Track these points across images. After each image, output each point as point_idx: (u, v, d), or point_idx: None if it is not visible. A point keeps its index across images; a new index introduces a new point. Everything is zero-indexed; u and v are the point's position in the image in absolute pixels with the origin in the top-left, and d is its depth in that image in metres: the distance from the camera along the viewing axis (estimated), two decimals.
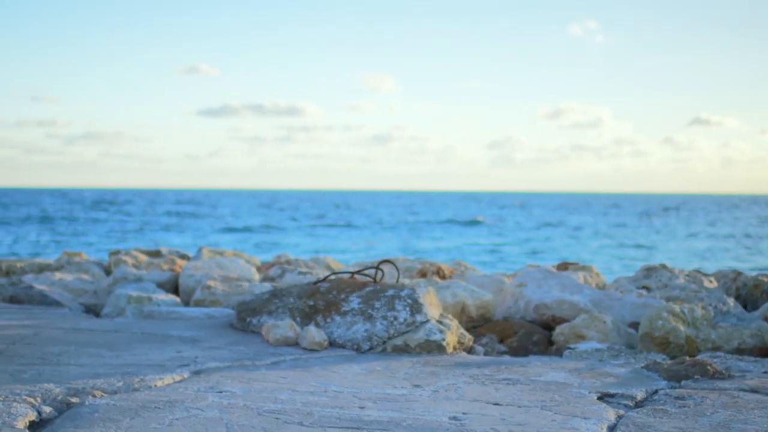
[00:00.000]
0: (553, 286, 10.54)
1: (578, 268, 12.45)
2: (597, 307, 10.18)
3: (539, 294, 10.32)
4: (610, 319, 9.37)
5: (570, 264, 12.69)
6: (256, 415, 5.80)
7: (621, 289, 11.31)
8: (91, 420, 5.60)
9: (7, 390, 6.31)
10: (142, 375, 6.89)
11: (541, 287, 10.49)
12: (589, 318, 9.37)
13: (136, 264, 13.75)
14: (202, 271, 11.64)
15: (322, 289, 9.13)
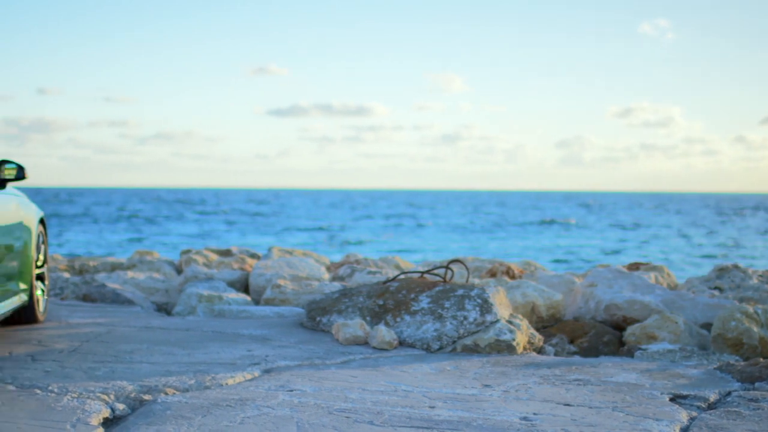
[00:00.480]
0: (624, 287, 10.46)
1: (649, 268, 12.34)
2: (669, 308, 10.08)
3: (610, 294, 10.24)
4: (681, 320, 9.27)
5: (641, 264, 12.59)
6: (327, 413, 5.82)
7: (693, 289, 11.20)
8: (164, 417, 5.66)
9: (82, 387, 6.39)
10: (214, 373, 6.95)
11: (611, 287, 10.42)
12: (660, 318, 9.28)
13: (207, 263, 13.86)
14: (272, 270, 11.70)
15: (392, 288, 9.14)
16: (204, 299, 10.48)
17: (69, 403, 5.94)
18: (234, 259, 13.79)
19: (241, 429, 5.45)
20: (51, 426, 5.43)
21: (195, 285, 11.40)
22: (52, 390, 6.29)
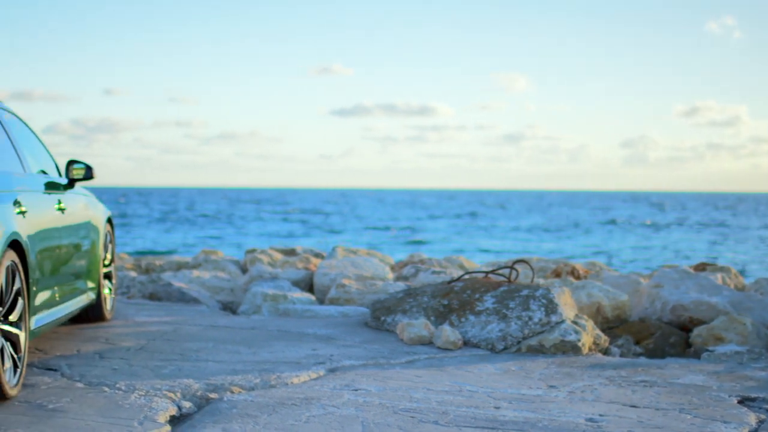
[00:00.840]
0: (691, 287, 10.35)
1: (716, 269, 12.20)
2: (736, 309, 9.97)
3: (676, 295, 10.15)
4: (749, 321, 9.16)
5: (707, 265, 12.45)
6: (392, 413, 5.82)
7: (761, 290, 11.06)
8: (230, 416, 5.70)
9: (149, 385, 6.46)
10: (279, 372, 6.98)
11: (678, 288, 10.32)
12: (728, 320, 9.18)
13: (272, 262, 13.92)
14: (336, 270, 11.73)
15: (457, 288, 9.13)
16: (269, 298, 10.53)
17: (136, 401, 6.01)
18: (298, 258, 13.84)
19: (307, 428, 5.47)
20: (119, 423, 5.49)
21: (260, 284, 11.45)
22: (119, 387, 6.36)
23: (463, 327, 8.56)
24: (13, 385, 5.97)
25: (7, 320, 6.01)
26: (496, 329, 8.40)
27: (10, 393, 5.89)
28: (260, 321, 9.66)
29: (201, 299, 11.29)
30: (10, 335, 6.01)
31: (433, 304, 8.97)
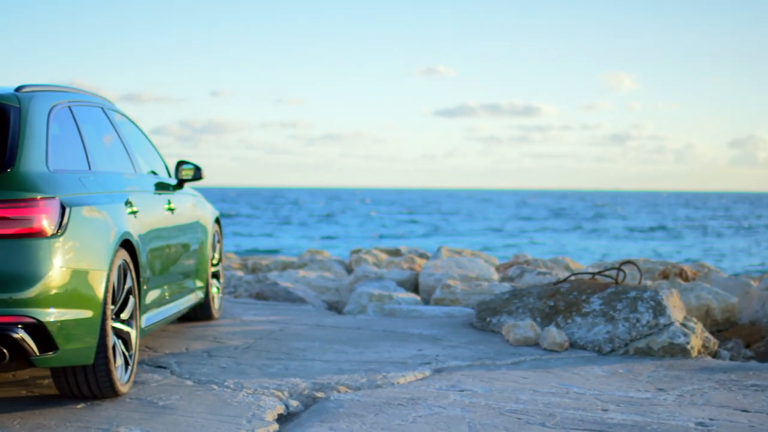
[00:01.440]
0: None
1: None
2: None
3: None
4: None
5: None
6: (498, 414, 5.80)
7: None
8: (337, 415, 5.73)
9: (256, 383, 6.52)
10: (385, 372, 7.00)
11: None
12: None
13: (377, 262, 13.97)
14: (441, 270, 11.72)
15: (563, 289, 9.06)
16: (374, 298, 10.57)
17: (244, 399, 6.07)
18: (403, 258, 13.87)
19: (413, 428, 5.47)
20: (227, 421, 5.55)
21: (365, 284, 11.50)
22: (228, 386, 6.44)
23: (570, 328, 8.49)
24: (124, 382, 6.08)
25: (119, 318, 6.12)
26: (603, 331, 8.32)
27: (121, 390, 6.00)
28: (366, 321, 9.69)
29: (307, 299, 11.37)
30: (121, 333, 6.12)
31: (539, 305, 8.92)
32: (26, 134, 5.62)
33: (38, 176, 5.47)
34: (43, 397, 6.07)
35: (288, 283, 11.92)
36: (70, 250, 5.44)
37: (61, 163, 5.86)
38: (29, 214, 5.27)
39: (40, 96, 6.02)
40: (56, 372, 5.83)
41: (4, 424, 5.40)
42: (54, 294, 5.31)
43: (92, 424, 5.41)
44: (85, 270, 5.54)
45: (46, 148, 5.72)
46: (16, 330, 5.16)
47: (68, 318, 5.39)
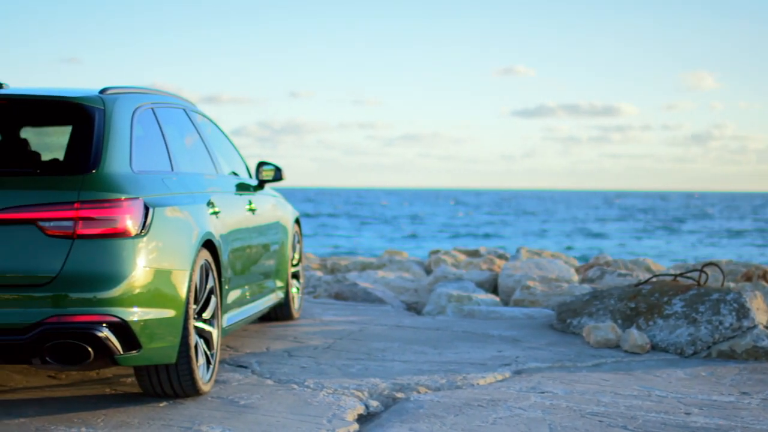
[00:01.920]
0: None
1: None
2: None
3: None
4: None
5: None
6: (579, 417, 5.76)
7: None
8: (417, 415, 5.73)
9: (336, 383, 6.54)
10: (465, 373, 6.98)
11: None
12: None
13: (455, 263, 13.95)
14: (521, 271, 11.67)
15: (644, 291, 8.97)
16: (453, 299, 10.55)
17: (324, 399, 6.10)
18: (482, 259, 13.83)
19: (493, 430, 5.46)
20: (308, 420, 5.58)
21: (444, 285, 11.49)
22: (308, 385, 6.47)
23: (651, 330, 8.41)
24: (206, 381, 6.13)
25: (201, 318, 6.17)
26: (685, 333, 8.22)
27: (203, 389, 6.06)
28: (445, 322, 9.68)
29: (386, 299, 11.39)
30: (203, 332, 6.18)
31: (620, 307, 8.84)
32: (110, 136, 5.69)
33: (122, 177, 5.54)
34: (127, 395, 6.15)
35: (367, 284, 11.94)
36: (154, 250, 5.50)
37: (145, 164, 5.93)
38: (114, 214, 5.34)
39: (124, 98, 6.10)
40: (139, 370, 5.90)
41: (89, 422, 5.48)
42: (138, 293, 5.38)
43: (174, 423, 5.47)
44: (168, 270, 5.61)
45: (130, 150, 5.79)
46: (100, 329, 5.23)
47: (151, 317, 5.45)
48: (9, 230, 5.26)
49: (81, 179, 5.39)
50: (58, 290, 5.22)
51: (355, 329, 8.97)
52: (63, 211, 5.27)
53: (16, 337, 5.20)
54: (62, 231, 5.25)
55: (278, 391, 6.32)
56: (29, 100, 5.98)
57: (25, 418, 5.58)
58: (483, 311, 10.19)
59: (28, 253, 5.25)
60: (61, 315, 5.20)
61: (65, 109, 5.95)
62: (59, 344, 5.22)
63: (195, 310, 6.02)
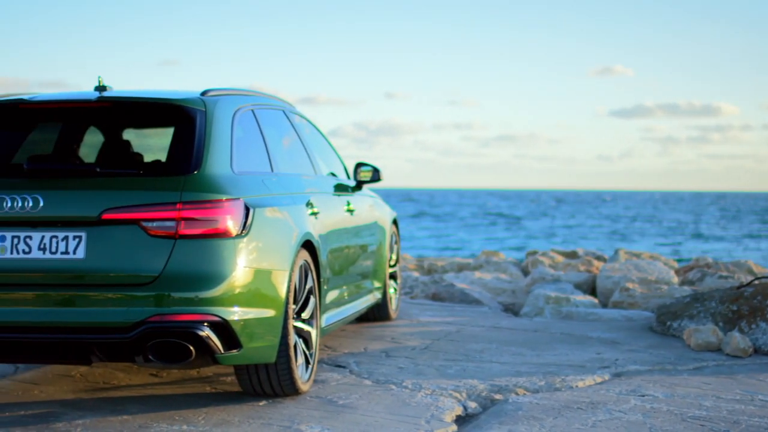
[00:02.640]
0: None
1: None
2: None
3: None
4: None
5: None
6: (680, 420, 5.68)
7: None
8: (515, 417, 5.70)
9: (434, 384, 6.54)
10: (563, 375, 6.93)
11: None
12: None
13: (553, 264, 13.85)
14: (619, 273, 11.55)
15: (746, 294, 8.82)
16: (551, 301, 10.48)
17: (423, 400, 6.10)
18: (580, 261, 13.72)
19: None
20: (406, 421, 5.59)
21: (542, 286, 11.42)
22: (406, 386, 6.48)
23: (754, 334, 8.27)
24: (305, 380, 6.17)
25: (300, 318, 6.22)
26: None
27: (302, 388, 6.10)
28: (542, 323, 9.63)
29: (483, 300, 11.36)
30: (302, 332, 6.22)
31: (722, 310, 8.70)
32: (212, 137, 5.75)
33: (223, 178, 5.59)
34: (227, 394, 6.22)
35: (464, 285, 11.92)
36: (254, 250, 5.55)
37: (245, 165, 5.99)
38: (215, 214, 5.40)
39: (225, 100, 6.16)
40: (239, 369, 5.96)
41: (190, 419, 5.55)
42: (238, 293, 5.43)
43: (274, 421, 5.51)
44: (268, 270, 5.65)
45: (231, 151, 5.85)
46: (201, 328, 5.29)
47: (251, 317, 5.50)
48: (113, 230, 5.36)
49: (183, 180, 5.45)
50: (161, 290, 5.29)
51: (452, 330, 8.96)
52: (165, 212, 5.34)
53: (119, 335, 5.29)
54: (165, 231, 5.33)
55: (376, 391, 6.34)
56: (133, 102, 6.08)
57: (128, 415, 5.67)
58: (581, 313, 10.11)
59: (131, 253, 5.34)
60: (163, 314, 5.27)
61: (167, 111, 6.03)
62: (161, 343, 5.30)
63: (294, 310, 6.06)
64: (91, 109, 6.28)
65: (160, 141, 7.61)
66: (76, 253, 5.35)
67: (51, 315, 5.34)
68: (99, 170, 5.58)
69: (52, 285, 5.37)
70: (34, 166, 5.56)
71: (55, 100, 6.13)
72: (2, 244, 5.41)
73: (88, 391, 6.34)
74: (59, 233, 5.39)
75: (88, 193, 5.44)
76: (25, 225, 5.42)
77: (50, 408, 5.86)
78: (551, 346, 8.21)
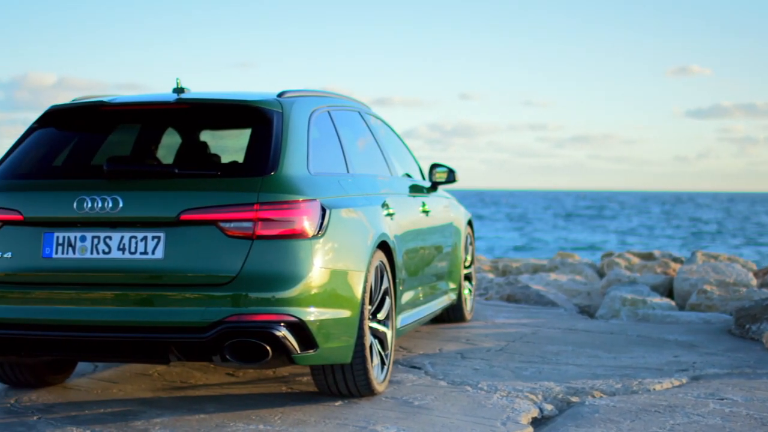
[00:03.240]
0: None
1: None
2: None
3: None
4: None
5: None
6: (761, 425, 5.60)
7: None
8: (592, 420, 5.66)
9: (510, 386, 6.52)
10: (640, 378, 6.87)
11: None
12: None
13: (629, 266, 13.73)
14: (697, 275, 11.43)
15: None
16: (627, 303, 10.40)
17: (498, 401, 6.08)
18: (657, 263, 13.58)
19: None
20: (482, 423, 5.57)
21: (618, 288, 11.33)
22: (481, 387, 6.46)
23: None
24: (380, 381, 6.18)
25: (376, 318, 6.23)
26: None
27: (377, 389, 6.11)
28: (619, 325, 9.55)
29: (558, 302, 11.30)
30: (378, 333, 6.23)
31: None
32: (288, 138, 5.78)
33: (300, 179, 5.62)
34: (302, 394, 6.25)
35: (539, 286, 11.87)
36: (330, 251, 5.57)
37: (321, 166, 6.01)
38: (292, 215, 5.42)
39: (301, 101, 6.19)
40: (315, 369, 5.98)
41: (266, 419, 5.59)
42: (314, 294, 5.45)
43: (350, 422, 5.53)
44: (344, 270, 5.67)
45: (307, 152, 5.87)
46: (278, 328, 5.32)
47: (328, 317, 5.52)
48: (191, 231, 5.40)
49: (260, 181, 5.48)
50: (238, 290, 5.33)
51: (527, 332, 8.92)
52: (243, 213, 5.38)
53: (197, 335, 5.33)
54: (242, 232, 5.36)
55: (452, 392, 6.33)
56: (210, 104, 6.12)
57: (205, 414, 5.72)
58: (658, 315, 10.02)
59: (209, 254, 5.38)
60: (240, 314, 5.30)
61: (245, 112, 6.07)
62: (238, 343, 5.33)
63: (370, 311, 6.07)
64: (170, 111, 6.34)
65: (234, 142, 7.67)
66: (154, 254, 5.41)
67: (130, 314, 5.40)
68: (177, 171, 5.63)
69: (131, 285, 5.43)
70: (113, 167, 5.62)
71: (135, 102, 6.21)
72: (83, 244, 5.49)
73: (165, 389, 6.41)
74: (138, 234, 5.45)
75: (167, 194, 5.49)
76: (105, 225, 5.49)
77: (129, 406, 5.93)
78: (628, 348, 8.14)
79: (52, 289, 5.52)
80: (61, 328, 5.48)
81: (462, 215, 9.30)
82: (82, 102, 6.20)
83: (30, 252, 5.56)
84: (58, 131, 6.22)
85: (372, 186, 6.68)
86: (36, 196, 5.64)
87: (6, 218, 5.63)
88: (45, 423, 5.54)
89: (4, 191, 5.72)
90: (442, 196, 8.80)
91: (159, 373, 6.90)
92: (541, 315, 10.30)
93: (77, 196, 5.50)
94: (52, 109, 6.20)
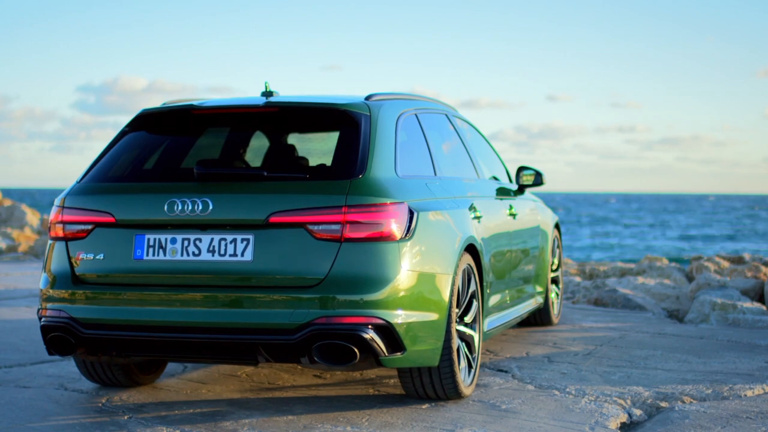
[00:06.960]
0: None
1: None
2: None
3: None
4: None
5: None
6: None
7: None
8: (681, 426, 5.59)
9: (598, 390, 6.46)
10: (731, 383, 6.77)
11: None
12: None
13: (719, 270, 13.55)
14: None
15: None
16: (717, 307, 10.26)
17: (586, 406, 6.03)
18: (747, 266, 13.37)
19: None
20: (570, 427, 5.53)
21: (707, 292, 11.18)
22: (569, 392, 6.42)
23: None
24: (467, 384, 6.17)
25: (463, 321, 6.22)
26: None
27: (464, 392, 6.10)
28: (708, 330, 9.43)
29: (646, 306, 11.18)
30: (465, 336, 6.22)
31: None
32: (376, 141, 5.79)
33: (388, 182, 5.63)
34: (389, 396, 6.26)
35: (627, 290, 11.76)
36: (418, 254, 5.57)
37: (409, 169, 6.01)
38: (380, 218, 5.43)
39: (389, 104, 6.20)
40: (403, 372, 5.98)
41: (354, 421, 5.61)
42: (402, 296, 5.45)
43: (437, 425, 5.52)
44: (431, 273, 5.67)
45: (395, 155, 5.88)
46: (366, 330, 5.33)
47: (415, 320, 5.52)
48: (280, 233, 5.44)
49: (348, 184, 5.50)
50: (326, 292, 5.35)
51: (615, 336, 8.84)
52: (331, 215, 5.40)
53: (286, 337, 5.37)
54: (330, 234, 5.39)
55: (539, 396, 6.29)
56: (299, 107, 6.16)
57: (293, 415, 5.76)
58: (749, 320, 9.87)
59: (297, 256, 5.41)
60: (329, 316, 5.33)
61: (333, 115, 6.10)
62: (327, 345, 5.35)
63: (457, 314, 6.06)
64: (259, 114, 6.39)
65: (321, 145, 7.71)
66: (244, 256, 5.46)
67: (219, 316, 5.46)
68: (266, 174, 5.67)
69: (220, 286, 5.49)
70: (203, 170, 5.68)
71: (225, 105, 6.27)
72: (173, 246, 5.56)
73: (254, 390, 6.46)
74: (228, 236, 5.50)
75: (256, 196, 5.53)
76: (195, 228, 5.55)
77: (217, 407, 5.99)
78: (718, 353, 8.02)
79: (142, 291, 5.59)
80: (152, 329, 5.55)
81: (549, 218, 9.25)
82: (172, 106, 6.27)
83: (121, 254, 5.64)
84: (149, 134, 6.30)
85: (459, 189, 6.66)
86: (127, 199, 5.72)
87: (98, 220, 5.72)
88: (135, 422, 5.62)
89: (96, 194, 5.81)
90: (529, 199, 8.76)
91: (247, 374, 6.96)
92: (629, 319, 10.21)
93: (168, 199, 5.57)
94: (143, 113, 6.29)
